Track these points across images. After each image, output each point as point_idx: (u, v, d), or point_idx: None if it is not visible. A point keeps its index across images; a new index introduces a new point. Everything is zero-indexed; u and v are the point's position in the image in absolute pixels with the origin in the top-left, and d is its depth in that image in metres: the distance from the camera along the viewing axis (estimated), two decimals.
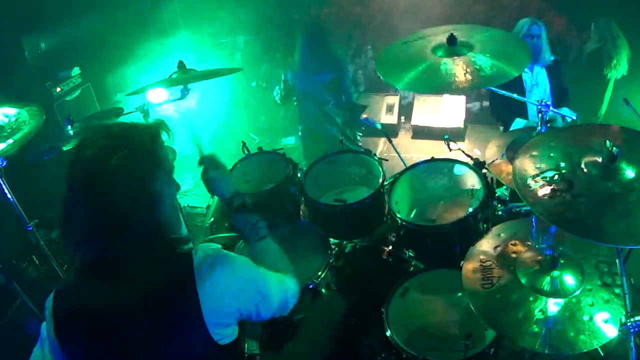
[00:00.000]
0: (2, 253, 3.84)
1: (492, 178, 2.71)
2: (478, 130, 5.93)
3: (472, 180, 2.73)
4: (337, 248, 2.86)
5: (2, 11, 4.23)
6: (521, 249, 2.11)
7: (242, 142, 3.21)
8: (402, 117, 6.28)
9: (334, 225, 2.79)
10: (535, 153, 1.81)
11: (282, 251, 1.69)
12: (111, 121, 1.40)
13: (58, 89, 4.77)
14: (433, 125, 5.91)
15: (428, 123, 5.95)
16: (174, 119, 5.27)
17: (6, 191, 2.86)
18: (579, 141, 1.81)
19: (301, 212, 3.06)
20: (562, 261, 1.96)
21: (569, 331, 1.77)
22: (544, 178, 1.69)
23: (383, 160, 2.96)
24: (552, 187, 1.64)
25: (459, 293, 2.30)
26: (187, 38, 6.05)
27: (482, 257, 2.12)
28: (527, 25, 3.66)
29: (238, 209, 1.69)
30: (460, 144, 3.08)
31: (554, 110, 2.79)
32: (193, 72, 2.77)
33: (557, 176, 1.68)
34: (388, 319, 2.22)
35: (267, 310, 1.49)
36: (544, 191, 1.64)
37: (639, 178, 1.61)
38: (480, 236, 2.27)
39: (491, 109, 4.05)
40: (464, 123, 5.92)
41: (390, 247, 2.74)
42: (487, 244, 2.19)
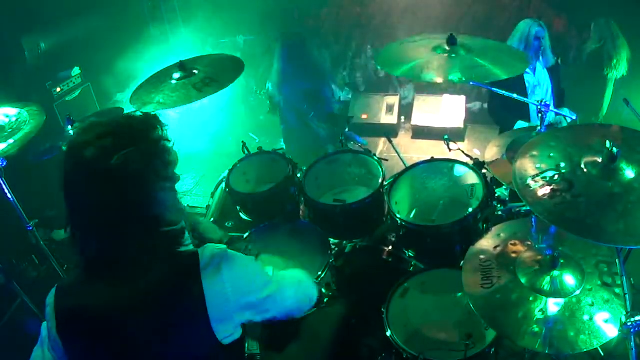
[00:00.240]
0: (2, 253, 3.84)
1: (492, 178, 2.71)
2: (478, 130, 5.94)
3: (472, 180, 2.72)
4: (337, 248, 2.86)
5: (2, 11, 4.23)
6: (521, 249, 2.11)
7: (242, 142, 3.21)
8: (402, 117, 6.28)
9: (334, 225, 2.79)
10: (535, 153, 1.81)
11: (280, 259, 1.72)
12: (102, 119, 1.38)
13: (58, 89, 4.77)
14: (433, 125, 5.91)
15: (428, 123, 5.95)
16: (174, 119, 5.28)
17: (6, 191, 2.86)
18: (579, 141, 1.81)
19: (301, 212, 3.06)
20: (562, 261, 1.96)
21: (569, 331, 1.77)
22: (544, 178, 1.69)
23: (383, 160, 2.96)
24: (552, 187, 1.64)
25: (459, 293, 2.30)
26: (187, 38, 6.06)
27: (482, 257, 2.12)
28: (534, 27, 3.59)
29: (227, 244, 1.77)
30: (460, 144, 3.08)
31: (555, 110, 2.80)
32: (196, 75, 2.72)
33: (557, 176, 1.68)
34: (388, 319, 2.21)
35: (276, 309, 1.49)
36: (544, 191, 1.64)
37: (639, 178, 1.61)
38: (480, 236, 2.26)
39: (489, 110, 4.02)
40: (464, 123, 5.92)
41: (390, 247, 2.74)
42: (487, 244, 2.19)
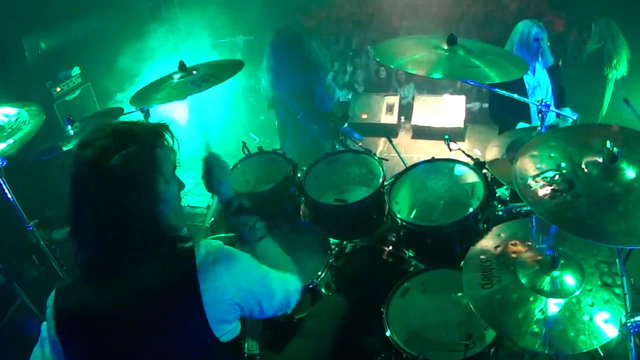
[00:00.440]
0: (2, 253, 3.84)
1: (492, 178, 2.71)
2: (478, 130, 5.93)
3: (473, 180, 2.72)
4: (337, 248, 2.86)
5: (2, 11, 4.23)
6: (521, 249, 2.11)
7: (242, 142, 3.21)
8: (402, 117, 6.28)
9: (334, 225, 2.79)
10: (535, 153, 1.81)
11: (282, 250, 1.69)
12: (112, 120, 1.40)
13: (58, 89, 4.77)
14: (433, 125, 5.90)
15: (428, 123, 5.95)
16: (174, 119, 5.28)
17: (6, 191, 2.86)
18: (580, 141, 1.81)
19: (301, 212, 3.06)
20: (562, 261, 1.96)
21: (569, 331, 1.77)
22: (545, 178, 1.69)
23: (383, 160, 2.96)
24: (553, 187, 1.64)
25: (459, 293, 2.30)
26: (187, 38, 6.05)
27: (482, 257, 2.12)
28: (532, 28, 3.57)
29: (236, 211, 1.69)
30: (460, 144, 3.08)
31: (555, 110, 2.79)
32: (195, 74, 2.75)
33: (558, 176, 1.68)
34: (388, 319, 2.22)
35: (270, 306, 1.49)
36: (544, 191, 1.64)
37: (639, 178, 1.61)
38: (480, 236, 2.26)
39: (490, 113, 4.02)
40: (464, 123, 5.91)
41: (390, 247, 2.74)
42: (488, 244, 2.19)
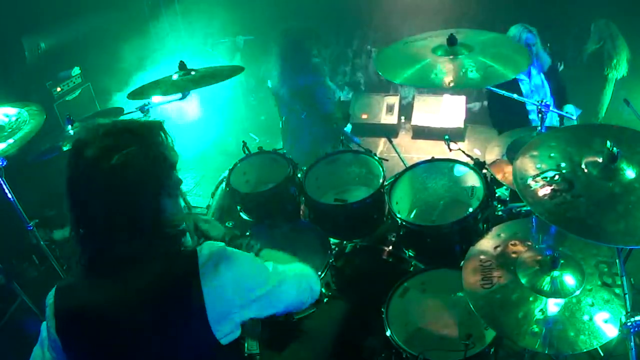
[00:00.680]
0: (2, 253, 3.84)
1: (492, 178, 2.71)
2: (478, 130, 5.93)
3: (473, 180, 2.72)
4: (337, 248, 2.86)
5: (3, 11, 4.22)
6: (521, 249, 2.11)
7: (243, 142, 3.21)
8: (402, 117, 6.28)
9: (334, 225, 2.79)
10: (535, 153, 1.81)
11: (283, 252, 1.71)
12: (110, 120, 1.39)
13: (58, 89, 4.77)
14: (433, 125, 5.90)
15: (428, 123, 5.95)
16: (174, 119, 5.28)
17: (6, 191, 2.86)
18: (579, 141, 1.81)
19: (301, 212, 3.06)
20: (562, 261, 1.96)
21: (569, 331, 1.77)
22: (545, 178, 1.69)
23: (383, 160, 2.96)
24: (553, 187, 1.64)
25: (459, 293, 2.30)
26: (187, 38, 6.05)
27: (482, 257, 2.12)
28: (524, 34, 3.59)
29: (229, 242, 1.74)
30: (460, 144, 3.09)
31: (556, 110, 2.80)
32: (195, 74, 2.75)
33: (558, 176, 1.68)
34: (388, 319, 2.22)
35: (276, 305, 1.49)
36: (544, 191, 1.64)
37: (639, 178, 1.61)
38: (480, 236, 2.27)
39: (490, 113, 4.03)
40: (464, 123, 5.92)
41: (390, 247, 2.74)
42: (487, 244, 2.19)
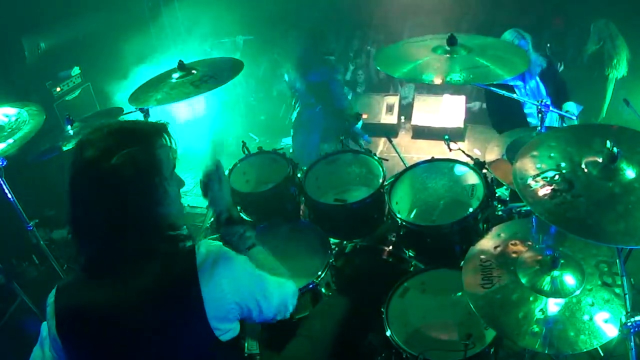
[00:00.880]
0: (2, 253, 3.84)
1: (492, 178, 2.72)
2: (478, 130, 5.94)
3: (473, 180, 2.72)
4: (337, 248, 2.86)
5: (2, 11, 4.23)
6: (521, 249, 2.11)
7: (242, 142, 3.21)
8: (402, 117, 6.28)
9: (334, 225, 2.79)
10: (535, 153, 1.81)
11: (273, 256, 1.70)
12: (111, 120, 1.40)
13: (58, 89, 4.77)
14: (433, 125, 5.91)
15: (428, 123, 5.95)
16: (174, 119, 5.28)
17: (6, 191, 2.86)
18: (579, 141, 1.81)
19: (301, 212, 3.06)
20: (562, 261, 1.96)
21: (569, 331, 1.77)
22: (545, 178, 1.69)
23: (383, 160, 2.96)
24: (553, 187, 1.64)
25: (459, 293, 2.30)
26: (187, 38, 6.05)
27: (482, 257, 2.12)
28: (516, 40, 3.57)
29: (226, 222, 1.71)
30: (460, 144, 3.09)
31: (556, 110, 2.79)
32: (195, 74, 2.74)
33: (558, 176, 1.68)
34: (388, 319, 2.22)
35: (268, 308, 1.49)
36: (544, 191, 1.64)
37: (639, 178, 1.61)
38: (480, 236, 2.27)
39: (488, 114, 4.03)
40: (464, 123, 5.92)
41: (390, 247, 2.74)
42: (487, 244, 2.19)
